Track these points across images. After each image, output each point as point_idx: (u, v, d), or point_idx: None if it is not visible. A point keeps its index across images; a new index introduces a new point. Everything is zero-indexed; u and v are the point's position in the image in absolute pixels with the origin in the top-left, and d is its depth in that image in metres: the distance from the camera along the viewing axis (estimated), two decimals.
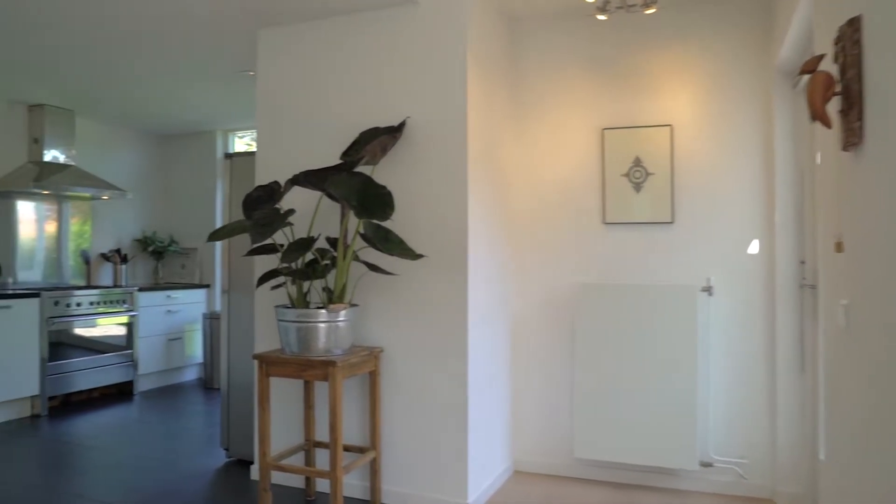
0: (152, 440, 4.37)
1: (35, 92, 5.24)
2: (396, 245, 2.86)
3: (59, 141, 5.64)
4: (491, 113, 3.39)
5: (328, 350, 2.90)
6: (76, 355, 5.30)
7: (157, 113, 5.94)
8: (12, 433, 4.54)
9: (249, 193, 3.09)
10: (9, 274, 5.45)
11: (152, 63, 4.48)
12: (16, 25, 3.78)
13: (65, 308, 5.22)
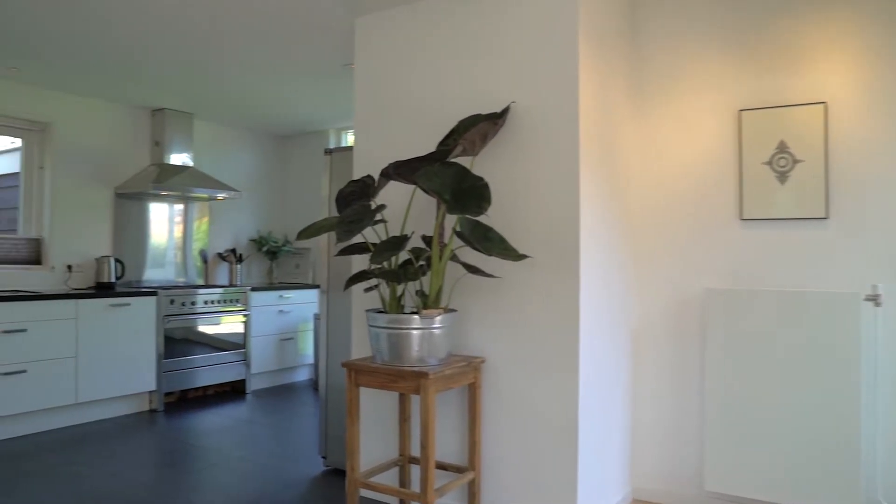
0: (257, 442, 4.31)
1: (157, 97, 5.38)
2: (497, 244, 2.54)
3: (178, 143, 5.77)
4: (606, 96, 3.00)
5: (421, 360, 2.63)
6: (191, 353, 5.38)
7: (270, 114, 5.96)
8: (128, 427, 4.63)
9: (342, 189, 2.89)
10: (134, 273, 5.62)
11: (259, 64, 4.51)
12: (138, 35, 3.97)
13: (180, 306, 5.31)
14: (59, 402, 4.53)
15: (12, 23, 3.77)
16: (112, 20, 3.74)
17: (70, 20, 3.74)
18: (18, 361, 4.33)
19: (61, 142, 5.21)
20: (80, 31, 3.90)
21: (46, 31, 3.90)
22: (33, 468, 3.73)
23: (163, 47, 4.18)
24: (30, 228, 5.19)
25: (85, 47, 4.18)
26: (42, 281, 5.10)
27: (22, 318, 4.36)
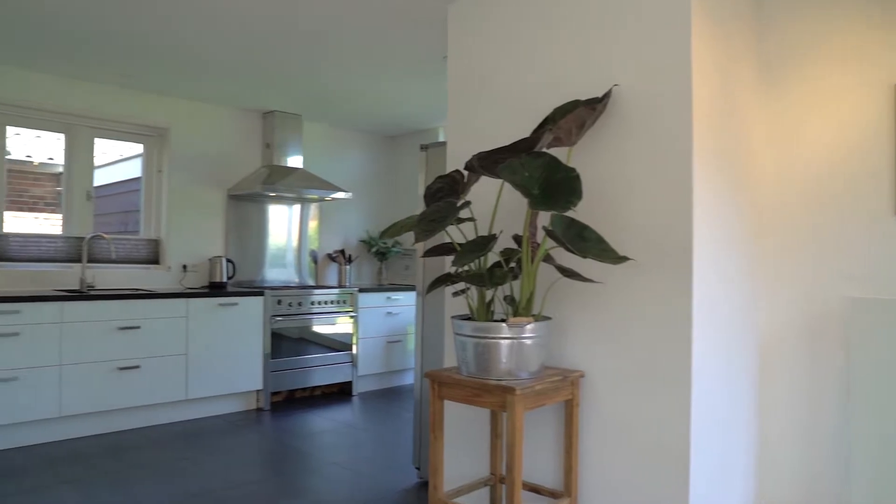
0: (355, 447, 4.21)
1: (268, 99, 5.46)
2: (593, 245, 2.24)
3: (288, 145, 5.83)
4: (725, 75, 2.61)
5: (510, 372, 2.37)
6: (298, 353, 5.40)
7: (376, 113, 5.90)
8: (234, 425, 4.68)
9: (430, 185, 2.68)
10: (245, 273, 5.73)
11: (363, 63, 4.50)
12: (249, 40, 4.04)
13: (287, 307, 5.34)
14: (170, 398, 4.66)
15: (126, 31, 3.90)
16: (223, 26, 3.82)
17: (182, 28, 3.84)
18: (133, 357, 4.49)
19: (178, 146, 5.39)
20: (193, 38, 4.00)
21: (160, 38, 4.02)
22: (141, 461, 3.82)
23: (272, 50, 4.23)
24: (149, 229, 5.40)
25: (198, 53, 4.29)
26: (159, 280, 5.29)
27: (136, 315, 4.50)
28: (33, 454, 3.95)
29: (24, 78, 4.69)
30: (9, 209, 4.80)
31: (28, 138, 5.07)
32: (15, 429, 4.09)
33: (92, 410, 4.32)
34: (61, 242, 4.91)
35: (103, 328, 4.36)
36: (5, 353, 4.00)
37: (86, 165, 5.07)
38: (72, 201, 5.01)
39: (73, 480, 3.52)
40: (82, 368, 4.28)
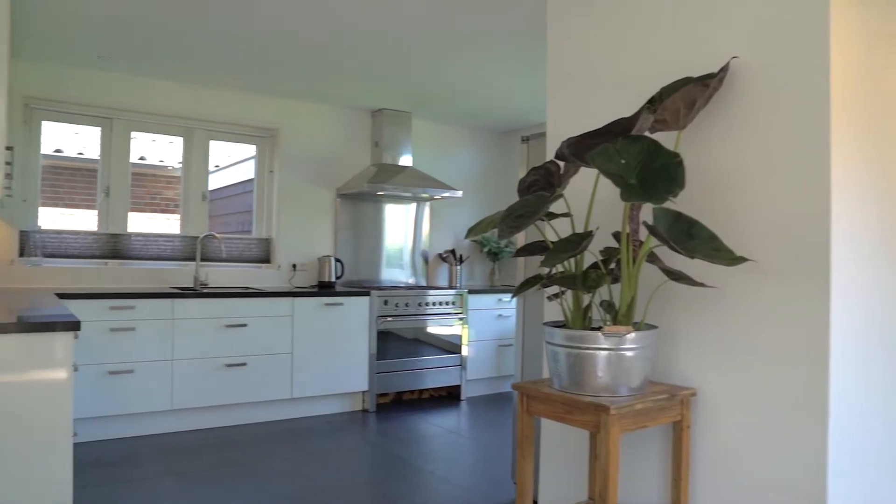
0: (457, 455, 4.02)
1: (376, 98, 5.40)
2: (704, 243, 1.91)
3: (397, 143, 5.75)
4: (871, 41, 2.17)
5: (608, 388, 2.08)
6: (405, 355, 5.30)
7: (486, 108, 5.70)
8: (337, 426, 4.64)
9: (523, 178, 2.44)
10: (354, 272, 5.71)
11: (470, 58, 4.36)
12: (357, 39, 4.02)
13: (394, 307, 5.24)
14: (275, 396, 4.68)
15: (237, 34, 3.95)
16: (332, 25, 3.80)
17: (293, 28, 3.85)
18: (240, 354, 4.54)
19: (288, 146, 5.45)
20: (304, 38, 4.02)
21: (272, 40, 4.06)
22: (240, 458, 3.83)
23: (382, 48, 4.17)
24: (261, 229, 5.49)
25: (308, 54, 4.30)
26: (269, 279, 5.36)
27: (243, 313, 4.56)
28: (145, 444, 4.08)
29: (148, 85, 4.88)
30: (133, 210, 5.02)
31: (149, 142, 5.30)
32: (130, 419, 4.24)
33: (200, 405, 4.42)
34: (178, 242, 5.08)
35: (212, 325, 4.45)
36: (122, 346, 4.15)
37: (201, 167, 5.22)
38: (188, 202, 5.18)
39: (176, 473, 3.57)
40: (192, 364, 4.38)
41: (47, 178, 4.79)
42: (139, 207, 5.18)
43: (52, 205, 4.81)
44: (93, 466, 3.65)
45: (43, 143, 4.72)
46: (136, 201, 5.10)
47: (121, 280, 4.79)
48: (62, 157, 4.97)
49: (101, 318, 4.10)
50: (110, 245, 4.84)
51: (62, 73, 4.61)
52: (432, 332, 5.45)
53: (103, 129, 4.87)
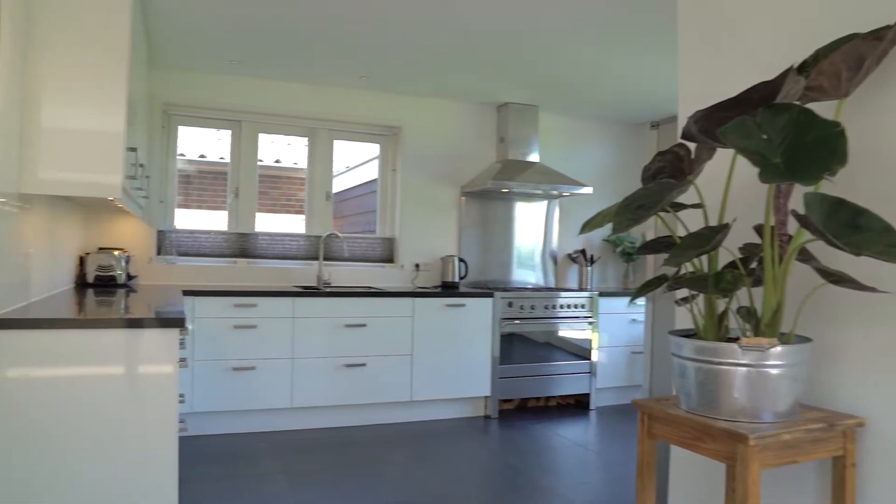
0: (580, 470, 3.72)
1: (502, 92, 5.20)
2: (877, 237, 1.51)
3: (523, 138, 5.51)
4: None
5: (746, 412, 1.73)
6: (530, 359, 5.03)
7: (620, 99, 5.31)
8: (456, 431, 4.46)
9: (647, 166, 2.13)
10: (479, 273, 5.53)
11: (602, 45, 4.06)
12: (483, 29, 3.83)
13: (518, 310, 4.99)
14: (394, 398, 4.59)
15: (360, 34, 3.92)
16: (454, 19, 3.66)
17: (413, 24, 3.76)
18: (359, 355, 4.49)
19: (411, 144, 5.36)
20: (425, 33, 3.91)
21: (393, 37, 3.98)
22: (352, 459, 3.74)
23: (507, 39, 3.99)
24: (385, 228, 5.44)
25: (430, 49, 4.20)
26: (392, 278, 5.29)
27: (362, 313, 4.50)
28: (264, 441, 4.11)
29: (274, 88, 4.97)
30: (265, 210, 5.14)
31: (279, 143, 5.40)
32: (251, 415, 4.30)
33: (319, 404, 4.40)
34: (303, 241, 5.13)
35: (331, 324, 4.42)
36: (245, 343, 4.21)
37: (326, 167, 5.24)
38: (313, 202, 5.21)
39: (290, 472, 3.53)
40: (312, 363, 4.37)
41: (183, 181, 5.00)
42: (274, 209, 5.29)
43: (187, 206, 5.01)
44: (211, 461, 3.71)
45: (180, 147, 4.93)
46: (271, 203, 5.21)
47: (248, 278, 4.90)
48: (198, 161, 5.17)
49: (225, 315, 4.18)
50: (239, 244, 4.97)
51: (195, 79, 4.78)
52: (560, 337, 5.15)
53: (233, 131, 5.01)
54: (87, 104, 2.81)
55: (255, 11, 3.63)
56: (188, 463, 3.64)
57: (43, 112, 2.76)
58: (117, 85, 2.85)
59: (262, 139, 5.11)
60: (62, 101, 2.78)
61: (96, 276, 4.16)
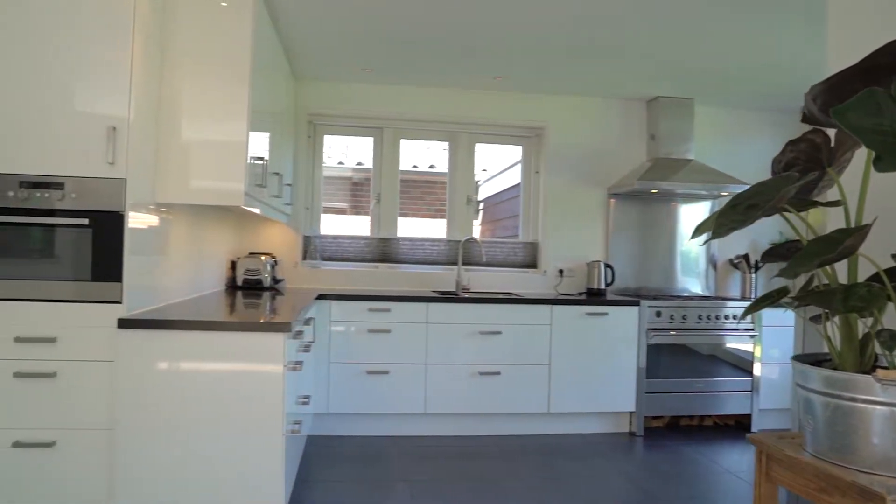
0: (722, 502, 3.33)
1: (652, 84, 4.84)
2: None
3: (676, 134, 5.08)
4: None
5: (885, 463, 1.39)
6: (683, 374, 4.62)
7: (789, 85, 4.71)
8: (595, 448, 4.19)
9: (777, 157, 1.85)
10: (628, 279, 5.20)
11: (766, 23, 3.60)
12: (629, 20, 3.60)
13: (668, 320, 4.60)
14: (530, 409, 4.40)
15: (496, 34, 3.85)
16: (596, 12, 3.49)
17: (554, 20, 3.61)
18: (494, 363, 4.36)
19: (554, 145, 5.15)
20: (567, 27, 3.74)
21: (531, 36, 3.86)
22: (478, 471, 3.62)
23: (656, 29, 3.72)
24: (528, 233, 5.27)
25: (572, 44, 4.01)
26: (533, 284, 5.11)
27: (498, 320, 4.37)
28: (392, 445, 4.11)
29: (412, 93, 5.00)
30: (411, 215, 5.19)
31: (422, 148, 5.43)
32: (384, 419, 4.32)
33: (451, 412, 4.33)
34: (443, 246, 5.11)
35: (466, 331, 4.34)
36: (379, 347, 4.25)
37: (466, 171, 5.18)
38: (454, 206, 5.18)
39: (411, 479, 3.49)
40: (445, 369, 4.31)
41: (331, 187, 5.18)
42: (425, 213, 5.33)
43: (333, 211, 5.19)
44: (339, 461, 3.76)
45: (325, 155, 5.12)
46: (413, 207, 5.26)
47: (388, 283, 4.96)
48: (342, 168, 5.33)
49: (360, 319, 4.25)
50: (381, 249, 5.05)
51: (336, 89, 4.93)
52: (717, 351, 4.67)
53: (375, 138, 5.11)
54: (212, 118, 2.95)
55: (383, 21, 3.65)
56: (318, 462, 3.73)
57: (173, 127, 2.94)
58: (239, 99, 2.97)
59: (404, 144, 5.16)
60: (190, 117, 2.95)
61: (244, 280, 4.41)
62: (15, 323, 2.55)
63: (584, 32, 3.78)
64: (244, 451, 2.56)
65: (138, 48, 2.63)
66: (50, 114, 2.57)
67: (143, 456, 2.55)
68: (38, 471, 2.57)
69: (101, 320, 2.57)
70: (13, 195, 2.56)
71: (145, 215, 2.79)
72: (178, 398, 2.55)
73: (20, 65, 2.57)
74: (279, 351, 2.57)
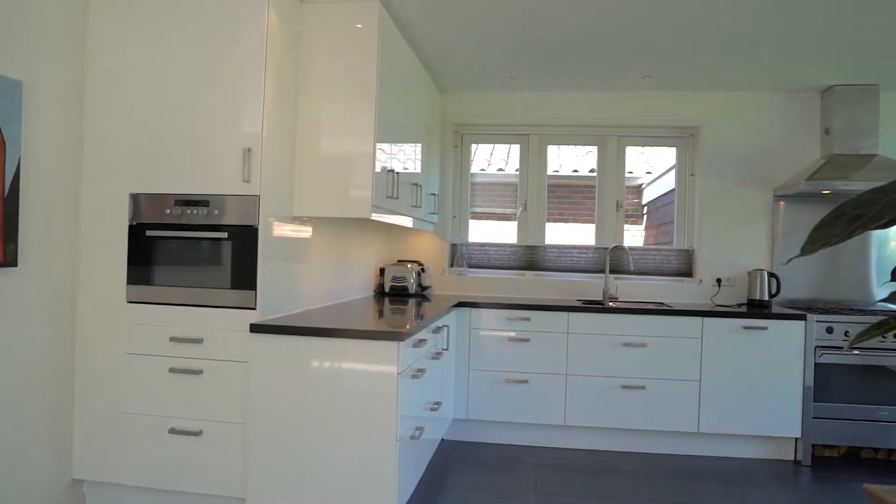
0: None
1: (826, 72, 4.35)
2: None
3: (856, 126, 4.52)
4: None
5: None
6: (861, 399, 4.10)
7: None
8: (752, 475, 3.84)
9: None
10: (799, 290, 4.71)
11: None
12: (794, 8, 3.31)
13: (842, 337, 4.11)
14: (677, 428, 4.14)
15: (641, 32, 3.69)
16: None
17: (704, 12, 3.40)
18: (638, 376, 4.16)
19: (710, 144, 4.81)
20: (720, 20, 3.50)
21: (680, 30, 3.65)
22: (614, 489, 3.47)
23: (828, 7, 3.32)
24: (682, 240, 4.97)
25: (727, 37, 3.72)
26: (687, 294, 4.81)
27: (643, 331, 4.17)
28: (531, 455, 4.05)
29: (558, 98, 4.92)
30: (552, 220, 5.12)
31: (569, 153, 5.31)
32: (522, 428, 4.28)
33: (591, 425, 4.19)
34: (591, 253, 4.96)
35: (609, 342, 4.18)
36: (518, 356, 4.23)
37: (616, 175, 5.00)
38: (603, 212, 5.01)
39: (543, 492, 3.43)
40: (586, 381, 4.19)
41: (479, 194, 5.24)
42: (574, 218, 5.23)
43: (480, 218, 5.24)
44: (473, 468, 3.78)
45: (473, 163, 5.19)
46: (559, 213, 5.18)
47: (534, 291, 4.91)
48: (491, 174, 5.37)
49: (500, 328, 4.25)
50: (527, 256, 5.01)
51: (481, 98, 4.98)
52: None
53: (521, 145, 5.09)
54: (342, 135, 3.13)
55: (523, 28, 3.63)
56: (451, 466, 3.78)
57: (307, 145, 3.15)
58: (367, 114, 3.13)
59: (551, 151, 5.09)
60: (322, 135, 3.15)
61: (391, 287, 4.59)
62: (170, 325, 2.87)
63: (738, 26, 3.50)
64: (359, 453, 2.67)
65: (270, 75, 2.84)
66: (196, 139, 2.86)
67: (269, 451, 2.75)
68: (188, 457, 2.86)
69: (238, 324, 2.81)
70: (169, 212, 2.88)
71: (281, 227, 3.01)
72: (300, 399, 2.72)
73: (174, 97, 2.89)
74: (393, 359, 2.65)
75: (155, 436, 2.88)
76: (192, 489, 2.86)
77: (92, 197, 2.97)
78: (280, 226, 3.01)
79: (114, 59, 2.95)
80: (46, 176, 2.78)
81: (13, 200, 2.58)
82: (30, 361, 2.71)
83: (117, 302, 2.93)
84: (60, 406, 2.90)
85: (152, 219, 2.89)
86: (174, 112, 2.88)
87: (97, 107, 2.96)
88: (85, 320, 2.96)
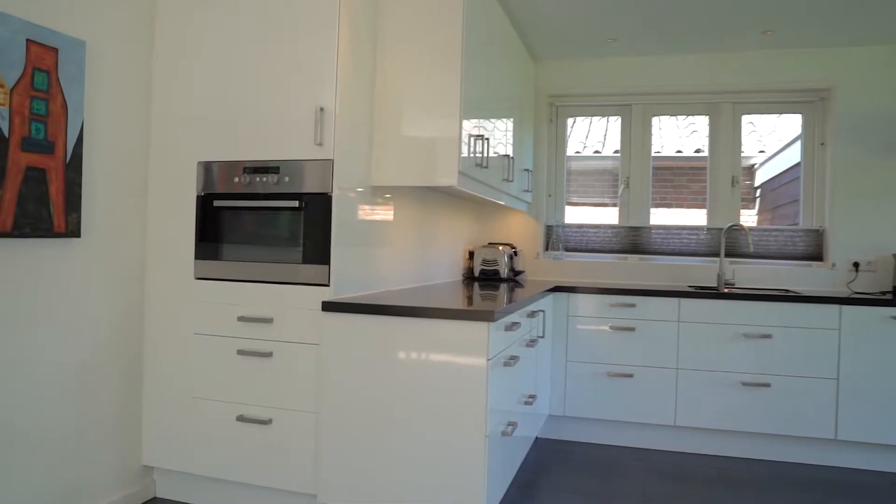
0: None
1: None
2: None
3: None
4: None
5: None
6: None
7: None
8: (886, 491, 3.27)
9: None
10: None
11: None
12: None
13: None
14: (809, 433, 3.59)
15: None
16: None
17: None
18: (761, 372, 3.65)
19: (844, 109, 4.20)
20: None
21: None
22: (730, 500, 3.00)
23: None
24: (810, 218, 4.37)
25: None
26: (817, 279, 4.22)
27: (766, 321, 3.65)
28: (636, 458, 3.62)
29: (664, 63, 4.44)
30: (656, 205, 4.64)
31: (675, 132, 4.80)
32: (626, 427, 3.85)
33: (706, 426, 3.71)
34: (703, 235, 4.45)
35: (726, 332, 3.68)
36: (622, 347, 3.81)
37: (730, 147, 4.46)
38: (716, 189, 4.48)
39: (650, 500, 3.01)
40: (700, 376, 3.71)
41: (578, 177, 4.82)
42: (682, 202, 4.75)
43: (575, 202, 4.82)
44: (571, 469, 3.39)
45: (569, 141, 4.78)
46: (663, 196, 4.69)
47: (638, 276, 4.46)
48: (583, 157, 4.93)
49: (601, 315, 3.84)
50: (630, 239, 4.56)
51: (578, 66, 4.57)
52: None
53: (622, 117, 4.63)
54: (426, 101, 2.85)
55: None
56: (546, 467, 3.41)
57: (386, 111, 2.87)
58: (452, 80, 2.82)
59: (655, 124, 4.61)
60: (403, 101, 2.86)
61: (481, 271, 4.25)
62: (238, 303, 2.65)
63: None
64: (443, 449, 2.35)
65: (344, 29, 2.57)
66: (265, 102, 2.63)
67: (342, 445, 2.47)
68: (257, 447, 2.63)
69: (309, 303, 2.55)
70: (238, 181, 2.66)
71: (358, 197, 2.73)
72: (378, 386, 2.43)
73: (241, 57, 2.66)
74: (483, 343, 2.31)
75: (223, 423, 2.67)
76: (261, 482, 2.62)
77: (159, 165, 2.80)
78: (357, 195, 2.73)
79: (183, 21, 2.76)
80: (111, 142, 2.61)
81: (76, 167, 2.42)
82: (96, 339, 2.55)
83: (186, 278, 2.74)
84: (129, 388, 2.74)
85: (221, 188, 2.68)
86: (242, 72, 2.66)
87: (165, 71, 2.78)
88: (152, 298, 2.79)
